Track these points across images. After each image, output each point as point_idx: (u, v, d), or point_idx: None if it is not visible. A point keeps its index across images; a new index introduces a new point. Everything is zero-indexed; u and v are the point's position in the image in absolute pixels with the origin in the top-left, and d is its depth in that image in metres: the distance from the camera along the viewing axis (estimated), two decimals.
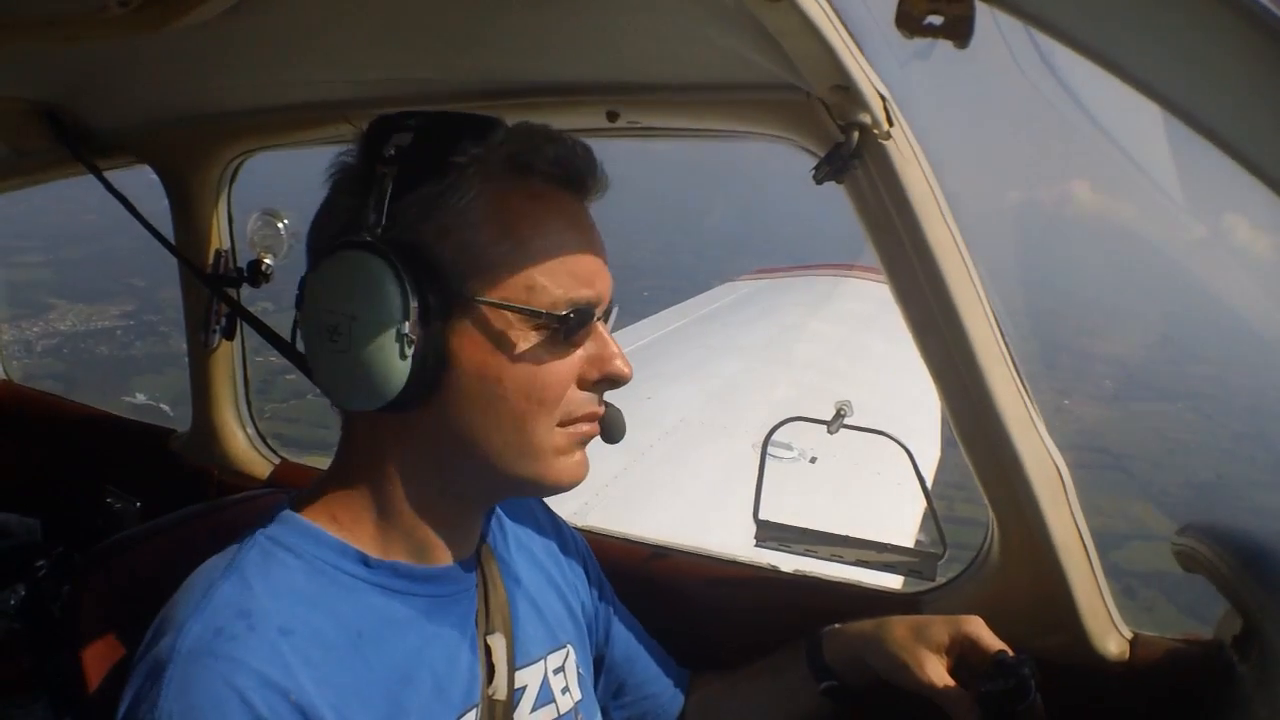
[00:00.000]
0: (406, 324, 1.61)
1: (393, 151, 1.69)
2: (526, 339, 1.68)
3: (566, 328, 1.70)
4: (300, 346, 1.83)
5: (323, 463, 1.91)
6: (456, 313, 1.67)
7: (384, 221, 1.66)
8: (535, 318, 1.68)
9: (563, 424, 1.76)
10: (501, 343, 1.67)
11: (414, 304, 1.62)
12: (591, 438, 1.85)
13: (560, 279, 1.70)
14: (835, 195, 2.23)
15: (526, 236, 1.69)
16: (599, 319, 1.79)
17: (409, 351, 1.62)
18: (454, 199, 1.67)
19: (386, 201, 1.67)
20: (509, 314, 1.67)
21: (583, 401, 1.78)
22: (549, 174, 1.75)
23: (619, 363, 1.79)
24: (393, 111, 1.76)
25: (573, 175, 1.78)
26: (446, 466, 1.77)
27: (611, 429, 1.92)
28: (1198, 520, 2.40)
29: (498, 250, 1.68)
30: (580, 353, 1.76)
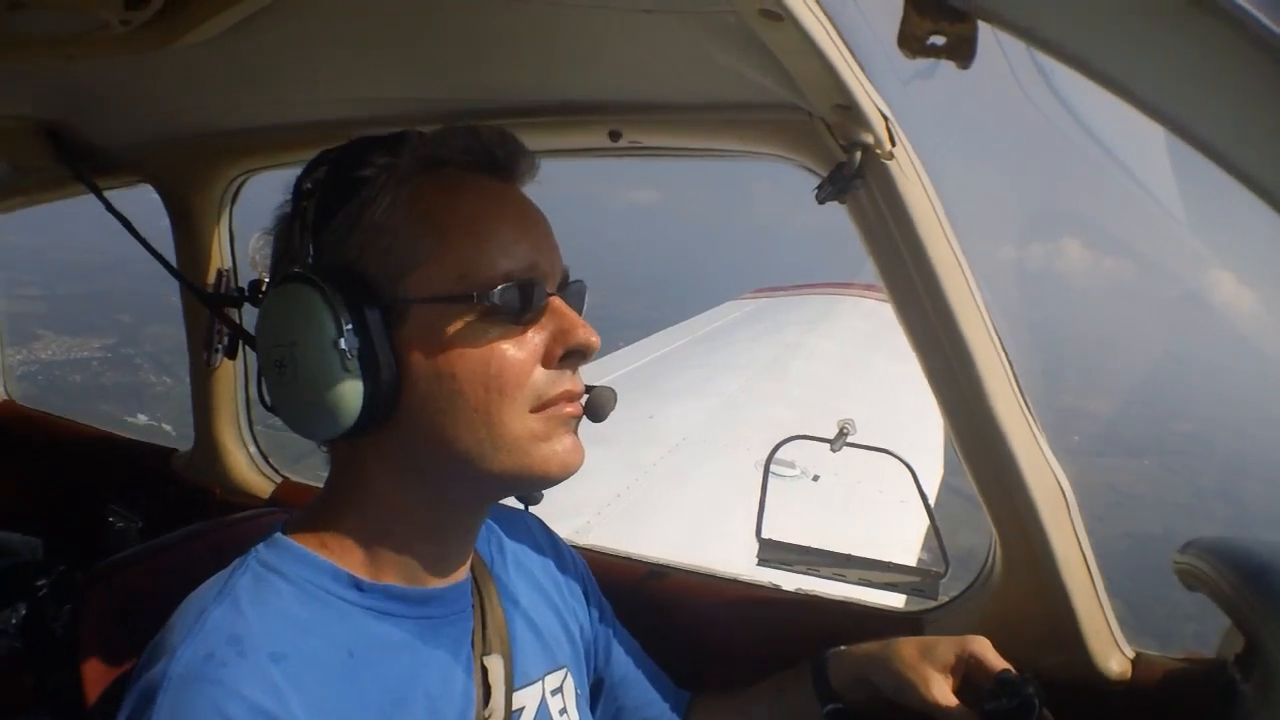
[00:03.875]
0: (342, 339, 1.60)
1: (309, 185, 1.71)
2: (472, 328, 1.65)
3: (508, 306, 1.66)
4: (266, 394, 1.81)
5: (321, 482, 1.91)
6: (397, 320, 1.65)
7: (311, 252, 1.68)
8: (473, 303, 1.64)
9: (537, 409, 1.70)
10: (449, 338, 1.65)
11: (345, 317, 1.61)
12: (575, 418, 1.78)
13: (490, 258, 1.67)
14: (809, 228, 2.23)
15: (447, 225, 1.68)
16: (553, 293, 1.75)
17: (351, 365, 1.61)
18: (371, 211, 1.67)
19: (310, 233, 1.69)
20: (448, 306, 1.65)
21: (553, 380, 1.71)
22: (462, 162, 1.74)
23: (581, 331, 1.72)
24: (341, 134, 1.78)
25: (488, 159, 1.76)
26: (430, 476, 1.75)
27: (597, 407, 1.88)
28: (1200, 538, 2.39)
29: (422, 247, 1.66)
30: (537, 331, 1.71)
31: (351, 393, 1.62)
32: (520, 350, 1.68)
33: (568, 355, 1.73)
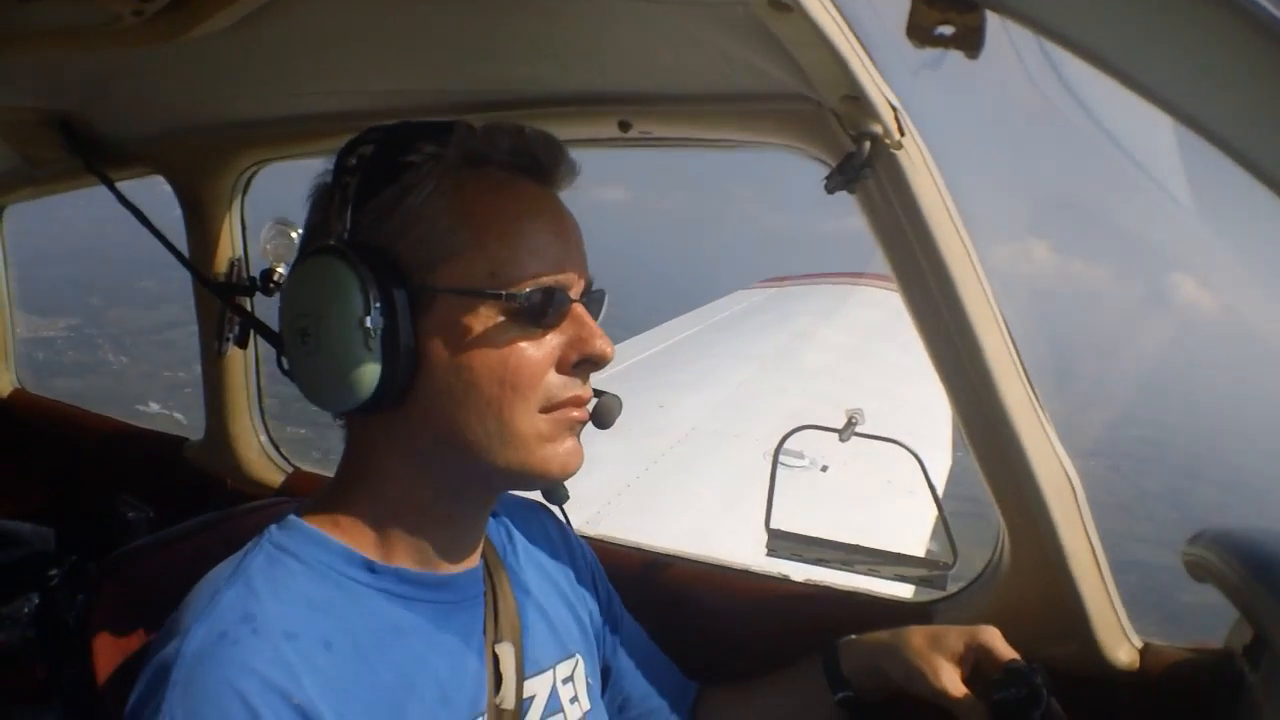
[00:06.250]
0: (368, 318, 1.62)
1: (354, 161, 1.73)
2: (495, 324, 1.68)
3: (532, 308, 1.69)
4: (284, 360, 1.85)
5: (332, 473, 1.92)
6: (423, 306, 1.68)
7: (348, 227, 1.70)
8: (499, 300, 1.67)
9: (546, 410, 1.73)
10: (470, 331, 1.67)
11: (374, 297, 1.63)
12: (581, 423, 1.81)
13: (522, 260, 1.70)
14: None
15: (485, 222, 1.70)
16: (576, 301, 1.77)
17: (373, 344, 1.64)
18: (412, 197, 1.69)
19: (350, 208, 1.71)
20: (475, 300, 1.67)
21: (564, 385, 1.75)
22: (506, 163, 1.76)
23: (598, 342, 1.76)
24: (353, 126, 1.79)
25: (531, 163, 1.78)
26: (436, 462, 1.77)
27: (604, 414, 1.90)
28: (1208, 529, 2.39)
29: (457, 239, 1.69)
30: (556, 335, 1.74)
31: (369, 371, 1.65)
32: (538, 352, 1.71)
33: (581, 363, 1.76)
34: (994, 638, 2.09)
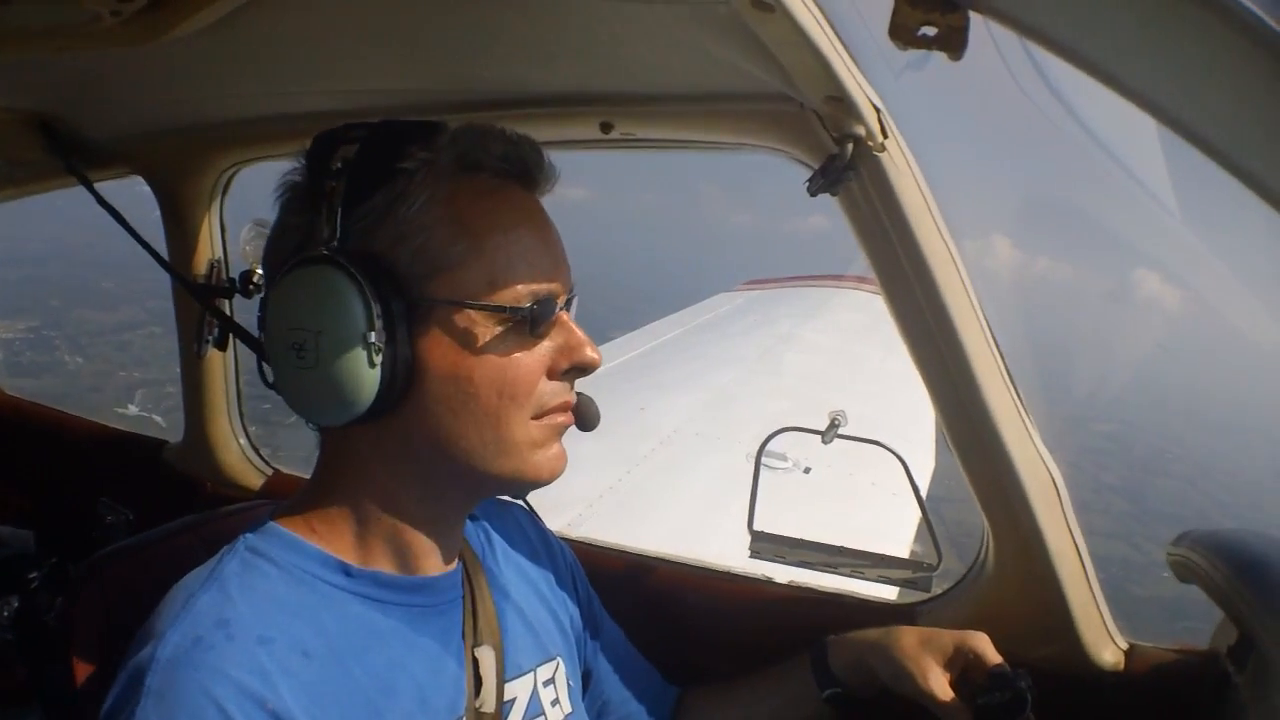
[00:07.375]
0: (372, 333, 1.61)
1: (339, 164, 1.70)
2: (493, 335, 1.68)
3: (531, 320, 1.70)
4: (268, 372, 1.81)
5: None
6: (421, 317, 1.67)
7: (338, 234, 1.67)
8: (499, 313, 1.68)
9: (536, 416, 1.75)
10: (469, 341, 1.67)
11: (378, 312, 1.61)
12: (567, 428, 1.83)
13: (519, 272, 1.71)
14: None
15: (482, 234, 1.70)
16: (561, 309, 1.78)
17: (377, 360, 1.62)
18: (406, 205, 1.67)
19: (338, 215, 1.67)
20: (473, 312, 1.67)
21: (555, 391, 1.77)
22: (498, 170, 1.76)
23: (588, 350, 1.78)
24: (335, 126, 1.77)
25: (521, 170, 1.79)
26: (425, 470, 1.77)
27: (586, 417, 1.91)
28: (1194, 530, 2.39)
29: (454, 250, 1.68)
30: (547, 344, 1.75)
31: (370, 384, 1.63)
32: (532, 361, 1.73)
33: (570, 370, 1.79)
34: (984, 644, 2.09)
